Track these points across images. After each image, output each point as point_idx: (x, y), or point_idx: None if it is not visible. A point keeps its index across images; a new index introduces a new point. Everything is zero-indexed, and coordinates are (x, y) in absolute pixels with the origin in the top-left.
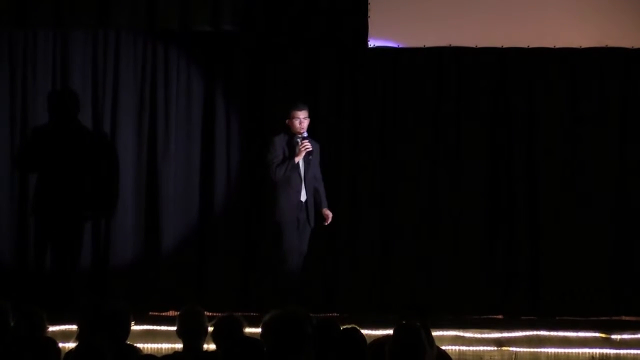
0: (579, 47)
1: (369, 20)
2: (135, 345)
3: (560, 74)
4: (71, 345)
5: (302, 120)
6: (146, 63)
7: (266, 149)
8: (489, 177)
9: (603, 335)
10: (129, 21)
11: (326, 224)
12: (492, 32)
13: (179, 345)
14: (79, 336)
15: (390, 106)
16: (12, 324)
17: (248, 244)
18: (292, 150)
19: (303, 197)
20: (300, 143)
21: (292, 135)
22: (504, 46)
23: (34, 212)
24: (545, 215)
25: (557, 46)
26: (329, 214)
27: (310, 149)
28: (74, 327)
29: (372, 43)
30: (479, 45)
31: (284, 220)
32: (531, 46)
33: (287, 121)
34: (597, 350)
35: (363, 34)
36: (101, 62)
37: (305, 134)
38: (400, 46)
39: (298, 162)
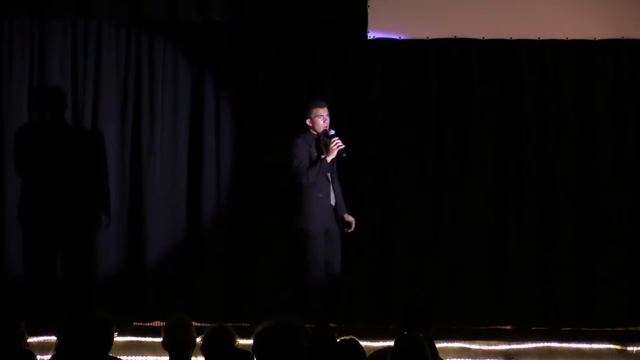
0: (593, 39)
1: (369, 10)
2: (118, 357)
3: (573, 67)
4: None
5: (325, 117)
6: (129, 56)
7: (291, 155)
8: (497, 176)
9: (618, 347)
10: (111, 11)
11: (350, 230)
12: (500, 23)
13: (164, 358)
14: (57, 348)
15: (391, 101)
16: None
17: (239, 251)
18: (320, 150)
19: (333, 201)
20: (330, 141)
21: (314, 135)
22: (513, 38)
23: (21, 219)
24: (558, 218)
25: (570, 38)
26: (351, 219)
27: (343, 146)
28: (54, 338)
29: (372, 34)
30: (486, 37)
31: (312, 229)
32: (542, 38)
33: (307, 121)
34: None
35: (362, 24)
36: (81, 56)
37: (333, 131)
38: (402, 38)
39: (331, 163)
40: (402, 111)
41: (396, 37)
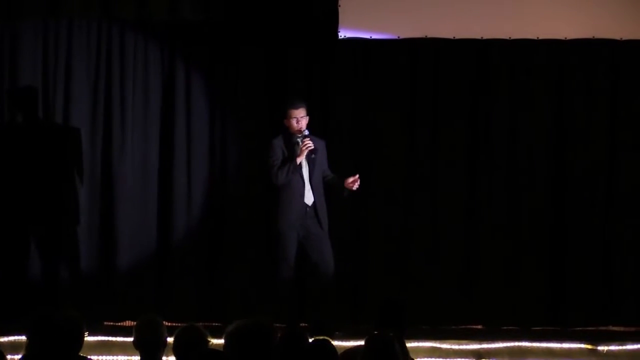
0: (564, 38)
1: (340, 9)
2: (88, 357)
3: (544, 66)
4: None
5: (299, 119)
6: (100, 55)
7: (266, 154)
8: (468, 175)
9: (589, 346)
10: (82, 10)
11: (355, 187)
12: (471, 23)
13: (136, 358)
14: (28, 348)
15: (361, 100)
16: None
17: (210, 251)
18: (293, 151)
19: (309, 200)
20: (301, 142)
21: (291, 136)
22: (484, 37)
23: None
24: (527, 219)
25: (541, 37)
26: (350, 183)
27: (312, 147)
28: (25, 338)
29: (342, 34)
30: (457, 37)
31: (282, 228)
32: (513, 37)
33: (284, 121)
34: None
35: (333, 24)
36: (52, 54)
37: (307, 132)
38: (373, 37)
39: (300, 163)
40: (372, 110)
41: (367, 36)
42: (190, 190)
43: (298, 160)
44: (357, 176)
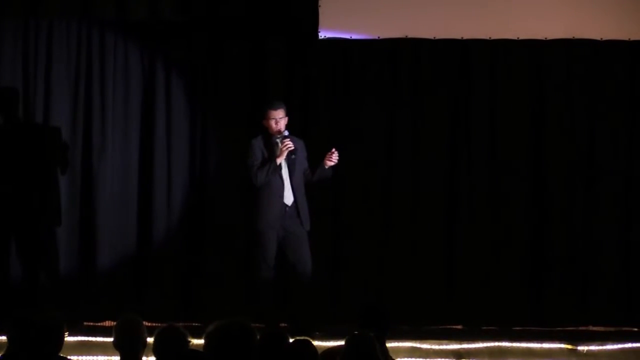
0: (544, 38)
1: (320, 9)
2: (68, 357)
3: (524, 66)
4: None
5: (278, 120)
6: (80, 54)
7: (246, 154)
8: (448, 176)
9: (569, 346)
10: (63, 10)
11: (335, 159)
12: (451, 23)
13: (116, 358)
14: (8, 348)
15: (341, 101)
16: None
17: (190, 251)
18: (272, 152)
19: (288, 201)
20: (280, 142)
21: (270, 136)
22: (464, 37)
23: None
24: (507, 218)
25: (521, 37)
26: (328, 160)
27: (292, 147)
28: (4, 338)
29: (323, 34)
30: (437, 37)
31: (261, 228)
32: (493, 37)
33: (263, 122)
34: None
35: (313, 24)
36: (32, 54)
37: (286, 133)
38: (353, 37)
39: (280, 164)
40: (353, 111)
41: (347, 36)
42: (170, 190)
43: (278, 160)
44: (334, 150)
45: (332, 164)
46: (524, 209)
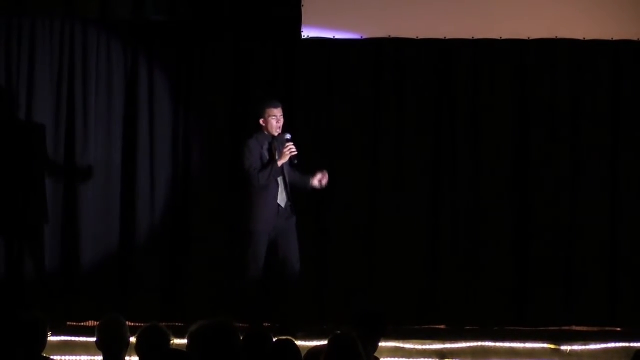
0: (527, 38)
1: (303, 9)
2: (51, 357)
3: (507, 66)
4: None
5: (279, 118)
6: (63, 54)
7: (242, 156)
8: (432, 175)
9: (552, 346)
10: (46, 8)
11: (324, 183)
12: (434, 23)
13: (98, 358)
14: None
15: (325, 100)
16: None
17: (173, 251)
18: (270, 153)
19: (282, 202)
20: (284, 145)
21: (267, 136)
22: (447, 37)
23: None
24: (491, 218)
25: (504, 37)
26: (316, 181)
27: (296, 152)
28: None
29: (306, 34)
30: (420, 37)
31: (256, 230)
32: (476, 37)
33: (261, 120)
34: None
35: (296, 24)
36: (15, 52)
37: (289, 136)
38: (337, 37)
39: (282, 166)
40: (336, 110)
41: (330, 36)
42: (153, 189)
43: (280, 163)
44: (325, 172)
45: (318, 187)
46: (508, 209)
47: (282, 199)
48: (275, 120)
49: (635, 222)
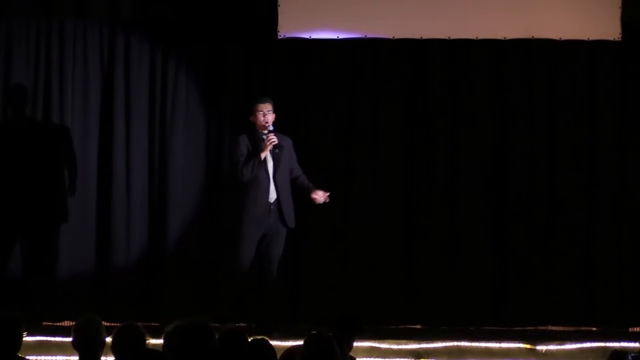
0: (503, 38)
1: (279, 9)
2: (27, 357)
3: (483, 66)
4: None
5: (265, 113)
6: (39, 54)
7: (232, 150)
8: (408, 176)
9: (528, 346)
10: (22, 9)
11: (321, 200)
12: (411, 23)
13: (74, 358)
14: None
15: (301, 100)
16: None
17: (149, 250)
18: (257, 147)
19: (272, 197)
20: (266, 138)
21: (256, 132)
22: (423, 37)
23: None
24: (467, 218)
25: (480, 37)
26: (316, 195)
27: (276, 141)
28: None
29: (282, 34)
30: (396, 37)
31: (246, 224)
32: (452, 37)
33: (250, 117)
34: None
35: (272, 24)
36: None
37: (272, 128)
38: (313, 37)
39: (265, 158)
40: (312, 110)
41: (306, 36)
42: (129, 188)
43: (262, 155)
44: (327, 194)
45: (315, 201)
46: (484, 210)
47: (272, 193)
48: (262, 115)
49: (610, 222)
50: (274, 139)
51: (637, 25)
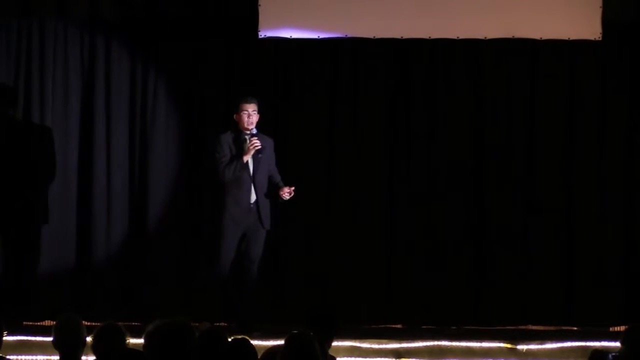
0: (483, 38)
1: (260, 9)
2: (7, 357)
3: (463, 66)
4: None
5: (250, 113)
6: (20, 52)
7: (213, 149)
8: (387, 175)
9: (508, 345)
10: (1, 8)
11: (287, 197)
12: (391, 22)
13: (55, 357)
14: None
15: (282, 100)
16: None
17: (129, 250)
18: (240, 148)
19: (253, 198)
20: (249, 140)
21: (239, 132)
22: (404, 37)
23: None
24: (447, 217)
25: (461, 37)
26: (282, 192)
27: (260, 146)
28: None
29: (262, 34)
30: (377, 37)
31: (227, 223)
32: (432, 37)
33: (235, 116)
34: None
35: (253, 23)
36: None
37: (255, 131)
38: (294, 37)
39: (247, 161)
40: (292, 110)
41: (287, 36)
42: (110, 190)
43: (245, 158)
44: (292, 189)
45: (281, 198)
46: (463, 209)
47: (253, 195)
48: (246, 115)
49: (590, 220)
50: (257, 143)
51: (617, 25)
